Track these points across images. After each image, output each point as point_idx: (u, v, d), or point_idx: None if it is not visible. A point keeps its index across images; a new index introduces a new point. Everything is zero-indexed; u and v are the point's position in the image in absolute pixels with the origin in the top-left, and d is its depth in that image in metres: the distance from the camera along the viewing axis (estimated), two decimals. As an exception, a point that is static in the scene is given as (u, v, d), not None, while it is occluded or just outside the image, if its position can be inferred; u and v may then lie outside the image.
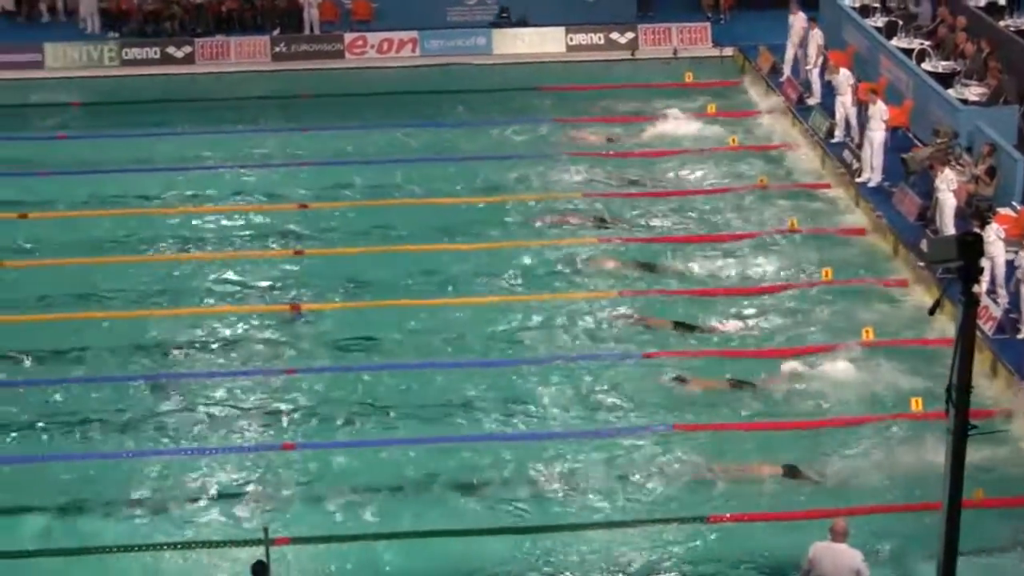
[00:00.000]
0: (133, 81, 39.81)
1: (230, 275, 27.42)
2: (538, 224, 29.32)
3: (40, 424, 22.38)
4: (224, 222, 30.01)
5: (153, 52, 41.01)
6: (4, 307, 26.27)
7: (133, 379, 23.59)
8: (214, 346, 24.77)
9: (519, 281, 27.01)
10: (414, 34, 41.42)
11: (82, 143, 34.65)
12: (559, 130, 34.71)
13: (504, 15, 42.66)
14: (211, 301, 26.49)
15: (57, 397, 23.18)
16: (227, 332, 25.22)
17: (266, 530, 16.74)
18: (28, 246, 28.85)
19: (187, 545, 19.18)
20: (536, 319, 25.37)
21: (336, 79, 39.68)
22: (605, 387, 23.03)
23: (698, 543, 19.15)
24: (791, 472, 20.60)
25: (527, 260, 27.77)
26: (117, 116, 36.53)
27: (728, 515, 19.66)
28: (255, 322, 25.59)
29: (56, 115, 36.92)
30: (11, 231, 29.50)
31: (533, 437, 21.83)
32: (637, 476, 20.64)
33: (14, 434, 22.22)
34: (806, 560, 16.59)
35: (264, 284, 27.14)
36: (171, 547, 19.15)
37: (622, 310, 25.55)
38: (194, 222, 29.97)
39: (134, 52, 40.99)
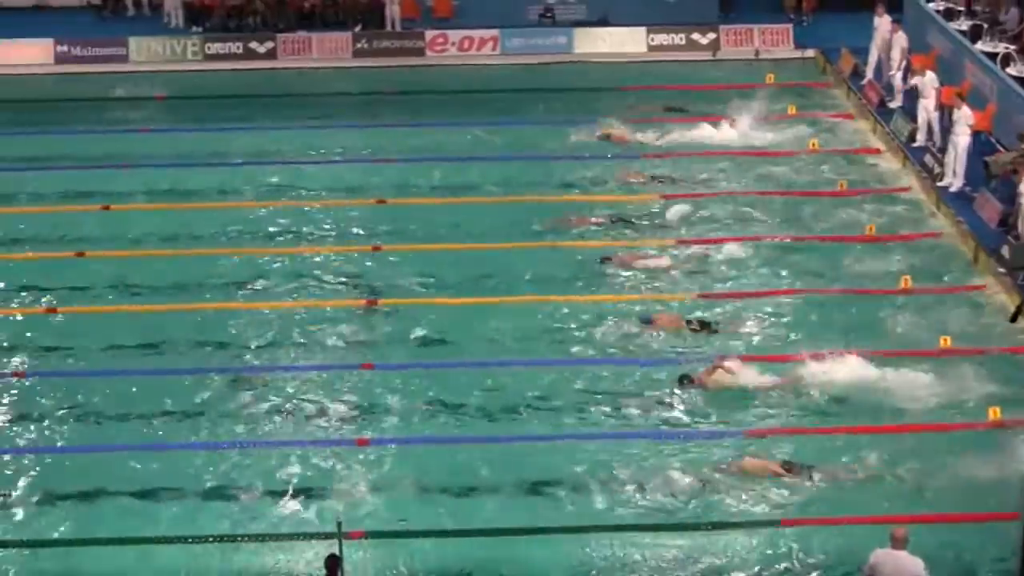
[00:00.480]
0: (215, 76, 40.16)
1: (308, 269, 27.55)
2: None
3: (119, 414, 22.58)
4: (303, 217, 30.18)
5: (236, 47, 41.34)
6: (83, 297, 26.54)
7: (210, 371, 23.76)
8: (291, 340, 24.89)
9: (593, 281, 26.95)
10: (495, 32, 41.50)
11: (164, 137, 34.95)
12: (637, 130, 34.58)
13: (548, 15, 42.62)
14: (289, 295, 26.63)
15: (136, 388, 23.38)
16: (305, 326, 25.33)
17: (340, 524, 16.80)
18: (109, 238, 29.12)
19: (261, 537, 19.26)
20: (609, 320, 25.26)
21: (416, 76, 39.77)
22: (678, 390, 22.91)
23: (771, 547, 19.02)
24: (788, 468, 20.46)
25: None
26: (199, 110, 36.81)
27: (802, 519, 19.53)
28: (333, 316, 25.69)
29: (139, 109, 37.28)
30: (93, 222, 29.83)
31: (605, 437, 21.76)
32: (709, 480, 20.52)
33: (94, 423, 22.43)
34: (867, 566, 16.47)
35: (342, 279, 27.25)
36: (245, 539, 19.24)
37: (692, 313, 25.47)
38: (273, 217, 30.16)
39: (217, 47, 41.34)
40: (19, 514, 20.16)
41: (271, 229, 29.61)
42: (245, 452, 21.38)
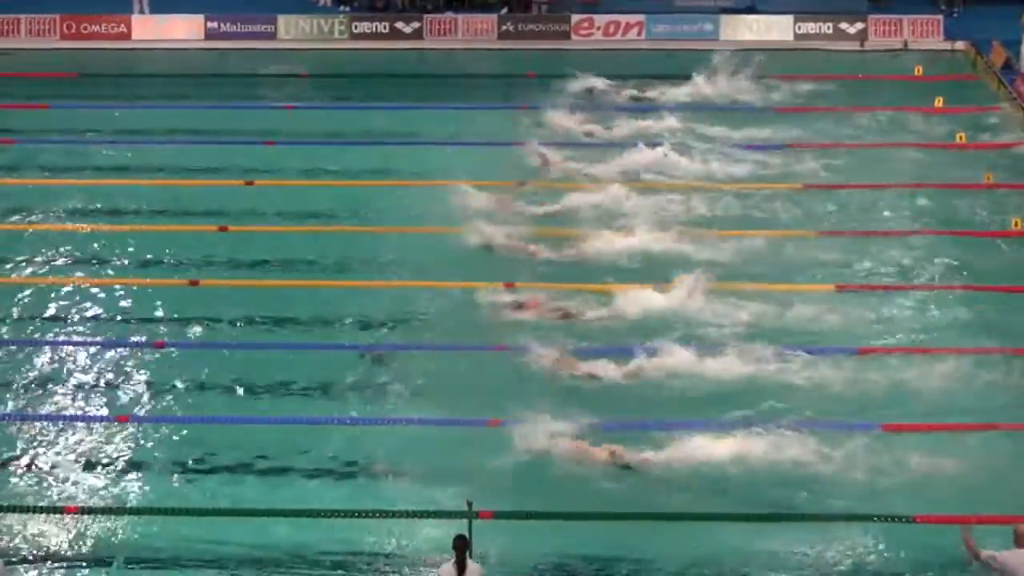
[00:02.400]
0: (361, 55, 40.44)
1: (441, 249, 27.59)
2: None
3: (251, 387, 22.86)
4: (439, 197, 30.29)
5: (382, 27, 41.62)
6: (224, 270, 26.93)
7: (341, 347, 23.95)
8: (422, 319, 24.98)
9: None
10: (641, 17, 41.35)
11: (308, 114, 35.28)
12: (778, 120, 34.22)
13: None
14: (422, 275, 26.69)
15: (267, 361, 23.66)
16: (437, 306, 25.41)
17: (470, 504, 16.84)
18: (251, 212, 29.49)
19: (391, 514, 19.37)
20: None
21: (560, 59, 39.73)
22: (817, 381, 22.64)
23: (904, 543, 18.76)
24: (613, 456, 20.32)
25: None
26: (343, 89, 37.09)
27: (938, 515, 19.23)
28: (466, 297, 25.72)
29: (285, 86, 37.67)
30: (237, 197, 30.23)
31: (729, 427, 21.53)
32: (841, 472, 20.27)
33: (223, 396, 22.75)
34: (996, 563, 16.17)
35: (471, 260, 27.27)
36: (375, 515, 19.35)
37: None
38: (411, 196, 30.27)
39: (364, 26, 41.66)
40: (160, 482, 20.51)
41: (407, 209, 29.72)
42: (374, 428, 21.50)
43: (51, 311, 25.69)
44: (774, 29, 41.36)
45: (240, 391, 22.81)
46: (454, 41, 41.28)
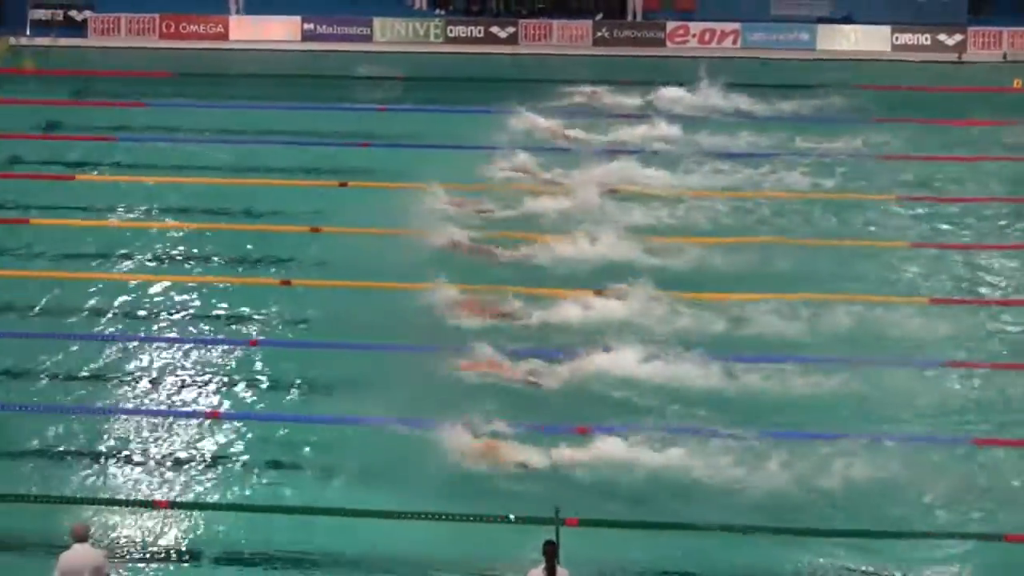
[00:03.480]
0: (456, 59, 40.55)
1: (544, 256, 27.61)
2: None
3: (341, 385, 22.96)
4: (529, 202, 30.20)
5: (477, 31, 41.75)
6: (315, 271, 27.07)
7: (431, 348, 23.86)
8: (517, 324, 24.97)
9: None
10: (736, 26, 41.22)
11: (401, 116, 35.41)
12: (874, 130, 33.98)
13: None
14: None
15: (356, 362, 23.78)
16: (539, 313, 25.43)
17: (557, 510, 16.82)
18: (344, 213, 29.65)
19: (480, 518, 19.38)
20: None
21: (654, 67, 39.63)
22: (905, 393, 22.45)
23: (993, 562, 18.53)
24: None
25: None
26: (437, 92, 37.17)
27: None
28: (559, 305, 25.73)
29: (380, 88, 37.83)
30: (329, 199, 30.39)
31: (818, 438, 21.39)
32: (928, 487, 20.06)
33: (315, 394, 22.87)
34: None
35: (588, 266, 27.15)
36: (465, 519, 19.37)
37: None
38: (497, 202, 30.23)
39: (459, 30, 41.81)
40: (250, 479, 20.67)
41: (499, 215, 29.75)
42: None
43: (146, 307, 25.98)
44: (872, 40, 41.04)
45: (331, 390, 22.94)
46: (549, 47, 41.32)
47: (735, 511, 19.30)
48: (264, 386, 23.16)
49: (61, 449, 21.47)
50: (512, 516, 19.19)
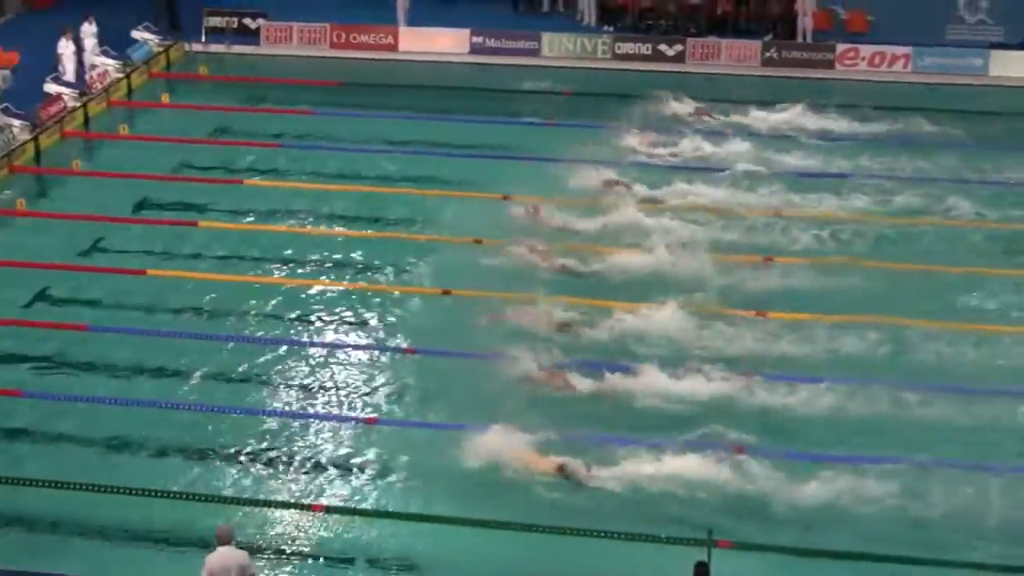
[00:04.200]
0: (622, 75, 40.48)
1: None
2: None
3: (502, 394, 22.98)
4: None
5: (645, 48, 41.65)
6: (476, 281, 27.08)
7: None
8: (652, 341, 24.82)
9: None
10: (908, 49, 40.63)
11: (566, 131, 35.40)
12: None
13: None
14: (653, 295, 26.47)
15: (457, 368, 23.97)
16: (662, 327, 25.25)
17: (710, 531, 16.71)
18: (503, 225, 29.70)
19: (631, 536, 19.31)
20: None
21: (822, 88, 39.18)
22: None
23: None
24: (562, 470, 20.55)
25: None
26: (603, 107, 37.09)
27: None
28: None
29: (546, 103, 37.82)
30: (493, 211, 30.43)
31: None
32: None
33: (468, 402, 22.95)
34: None
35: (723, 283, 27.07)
36: (614, 536, 19.31)
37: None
38: (662, 219, 30.00)
39: (627, 47, 41.74)
40: (404, 487, 20.83)
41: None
42: (623, 448, 21.39)
43: (305, 311, 26.32)
44: (1050, 66, 40.30)
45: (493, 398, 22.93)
46: (716, 66, 41.08)
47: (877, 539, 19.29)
48: (420, 394, 23.29)
49: (213, 449, 21.86)
50: (664, 536, 19.13)
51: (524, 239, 28.31)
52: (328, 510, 20.19)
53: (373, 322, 25.95)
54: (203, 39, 42.71)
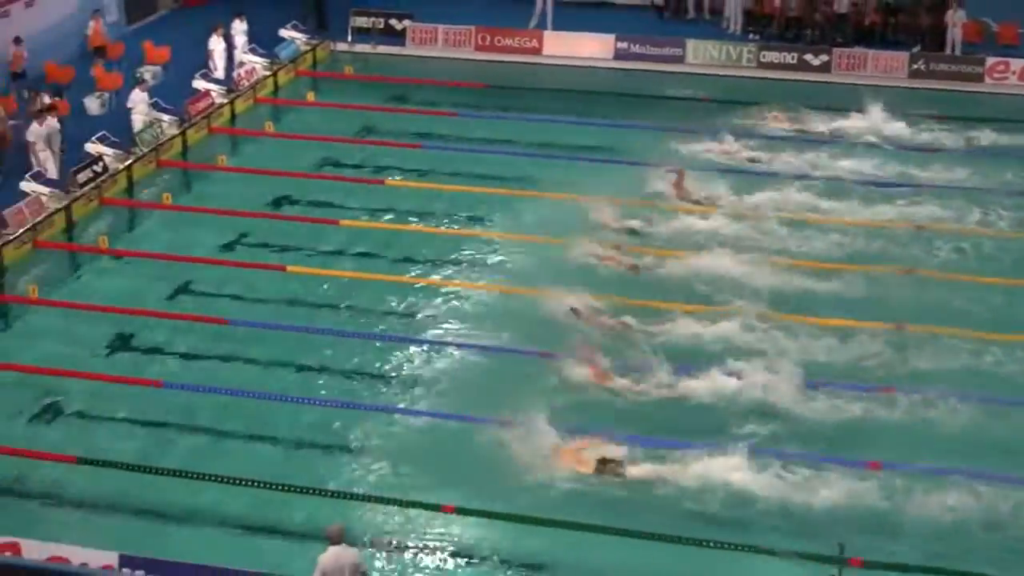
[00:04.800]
0: (766, 84, 40.18)
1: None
2: None
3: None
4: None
5: (790, 57, 41.30)
6: (618, 288, 27.06)
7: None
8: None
9: None
10: (1060, 63, 39.92)
11: (707, 139, 35.23)
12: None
13: None
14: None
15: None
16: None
17: (841, 547, 16.55)
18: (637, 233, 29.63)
19: (753, 549, 19.20)
20: None
21: (967, 102, 38.59)
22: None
23: None
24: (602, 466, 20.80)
25: None
26: (747, 115, 36.84)
27: None
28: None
29: (690, 109, 37.58)
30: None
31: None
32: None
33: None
34: None
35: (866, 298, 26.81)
36: (747, 549, 19.21)
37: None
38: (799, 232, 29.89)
39: (772, 56, 41.42)
40: (537, 490, 20.85)
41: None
42: (755, 461, 21.24)
43: (444, 312, 26.45)
44: None
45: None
46: (862, 76, 40.57)
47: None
48: (564, 399, 23.26)
49: (344, 445, 22.10)
50: (795, 552, 18.97)
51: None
52: (459, 511, 20.27)
53: (509, 324, 25.91)
54: (349, 39, 43.15)
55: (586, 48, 42.23)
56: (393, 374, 24.33)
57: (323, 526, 18.29)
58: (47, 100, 33.56)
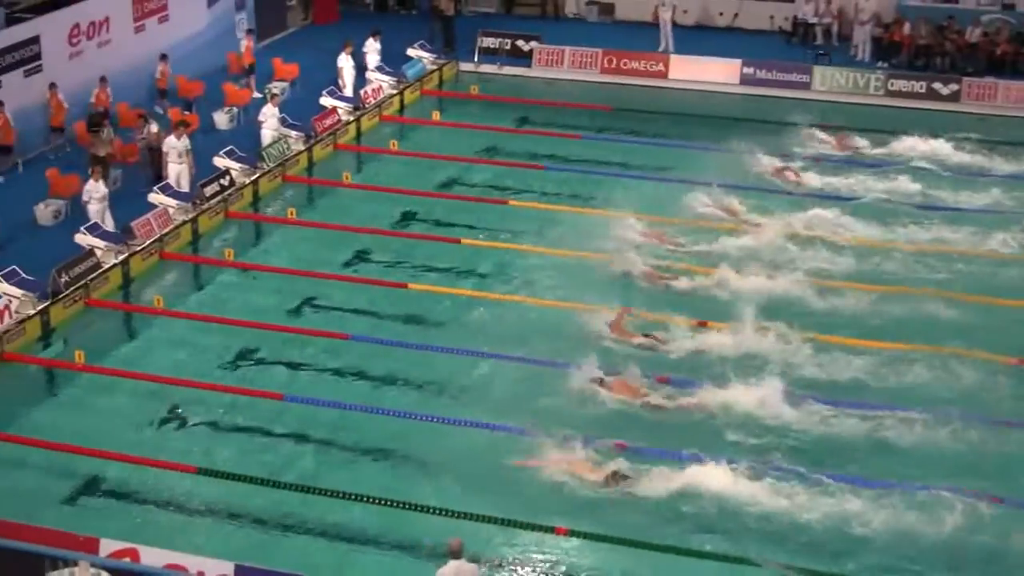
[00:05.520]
0: (894, 112, 39.79)
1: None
2: None
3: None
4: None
5: (919, 86, 40.85)
6: (723, 313, 26.94)
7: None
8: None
9: None
10: None
11: (829, 166, 34.96)
12: None
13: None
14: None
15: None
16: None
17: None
18: (755, 257, 29.42)
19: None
20: None
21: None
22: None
23: None
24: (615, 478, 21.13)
25: None
26: (874, 144, 36.50)
27: None
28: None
29: (812, 137, 37.19)
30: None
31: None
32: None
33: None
34: None
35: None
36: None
37: None
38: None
39: (900, 84, 41.01)
40: (648, 516, 20.79)
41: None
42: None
43: (561, 333, 26.33)
44: None
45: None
46: (992, 107, 40.05)
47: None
48: (669, 426, 23.18)
49: (462, 463, 22.15)
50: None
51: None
52: (572, 534, 20.25)
53: (625, 349, 25.86)
54: (476, 59, 43.39)
55: (712, 72, 42.09)
56: (506, 395, 24.28)
57: (443, 541, 18.38)
58: (183, 114, 34.22)
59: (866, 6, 43.59)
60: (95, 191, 29.70)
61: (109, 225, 29.54)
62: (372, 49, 40.32)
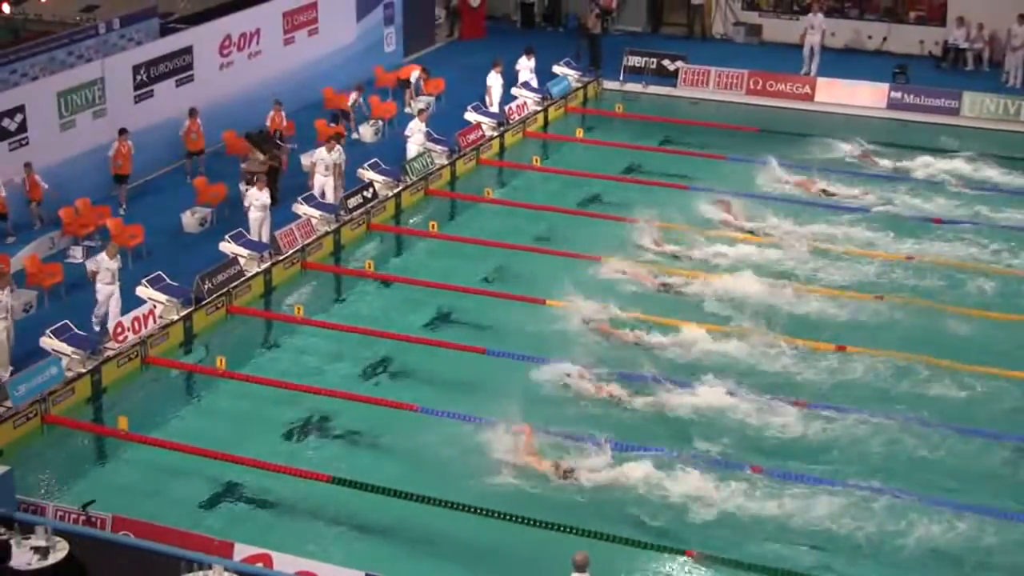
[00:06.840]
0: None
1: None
2: None
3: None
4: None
5: (1071, 113, 40.11)
6: (869, 339, 26.68)
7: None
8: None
9: None
10: None
11: (976, 195, 34.46)
12: None
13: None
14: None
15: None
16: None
17: None
18: (905, 287, 29.11)
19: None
20: None
21: None
22: None
23: None
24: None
25: None
26: (1018, 172, 35.97)
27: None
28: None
29: (960, 163, 36.61)
30: (894, 271, 30.09)
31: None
32: None
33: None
34: None
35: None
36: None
37: None
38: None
39: (1053, 111, 40.28)
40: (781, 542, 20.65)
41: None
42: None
43: (702, 353, 26.26)
44: None
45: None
46: None
47: None
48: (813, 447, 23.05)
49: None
50: None
51: None
52: (701, 557, 20.17)
53: (762, 370, 25.69)
54: (621, 78, 43.40)
55: (859, 96, 41.65)
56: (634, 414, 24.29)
57: (569, 555, 18.43)
58: (335, 127, 34.74)
59: (1019, 32, 42.81)
60: (256, 199, 30.21)
61: (266, 234, 30.01)
62: (524, 67, 40.49)
